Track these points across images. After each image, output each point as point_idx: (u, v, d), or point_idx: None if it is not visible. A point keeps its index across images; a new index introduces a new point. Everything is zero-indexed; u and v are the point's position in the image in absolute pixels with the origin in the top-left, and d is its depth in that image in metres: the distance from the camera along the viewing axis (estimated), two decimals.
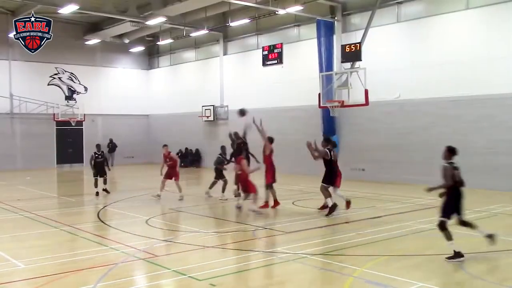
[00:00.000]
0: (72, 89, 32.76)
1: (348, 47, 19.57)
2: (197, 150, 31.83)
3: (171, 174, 16.61)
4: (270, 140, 14.56)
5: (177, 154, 31.87)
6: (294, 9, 22.54)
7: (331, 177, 13.21)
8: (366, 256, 8.86)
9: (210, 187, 16.67)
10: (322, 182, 13.23)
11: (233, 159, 15.57)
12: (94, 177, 17.61)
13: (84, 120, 32.37)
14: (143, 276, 8.26)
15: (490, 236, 8.85)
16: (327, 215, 12.84)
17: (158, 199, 16.13)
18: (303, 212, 13.86)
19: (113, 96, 34.00)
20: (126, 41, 32.93)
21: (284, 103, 25.64)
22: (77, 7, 22.49)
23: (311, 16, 23.35)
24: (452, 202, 8.67)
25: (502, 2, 17.91)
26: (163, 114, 34.67)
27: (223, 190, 16.23)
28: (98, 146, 18.09)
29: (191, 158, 31.50)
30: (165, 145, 17.01)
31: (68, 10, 22.78)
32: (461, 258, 8.39)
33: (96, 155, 17.58)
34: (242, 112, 15.31)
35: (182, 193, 16.37)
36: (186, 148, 32.05)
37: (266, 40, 26.80)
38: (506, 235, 10.50)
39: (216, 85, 30.29)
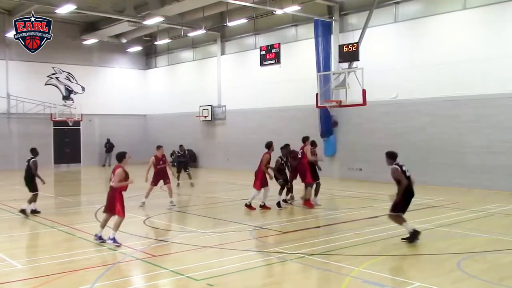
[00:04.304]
0: (70, 89, 32.71)
1: (345, 47, 19.57)
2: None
3: (160, 178, 15.15)
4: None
5: (171, 155, 31.87)
6: (292, 9, 22.55)
7: (407, 200, 9.96)
8: (363, 255, 8.87)
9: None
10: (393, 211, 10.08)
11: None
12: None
13: (81, 120, 32.31)
14: (141, 276, 8.25)
15: None
16: (404, 239, 9.97)
17: (144, 206, 14.89)
18: (301, 212, 13.87)
19: (110, 96, 33.97)
20: (124, 41, 32.90)
21: (282, 103, 25.64)
22: (74, 7, 22.47)
23: (309, 16, 23.35)
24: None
25: (499, 2, 17.94)
26: (160, 114, 34.65)
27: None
28: (32, 150, 14.39)
29: (188, 158, 31.36)
30: (160, 146, 15.59)
31: (65, 10, 22.74)
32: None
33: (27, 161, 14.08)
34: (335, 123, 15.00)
35: (172, 197, 15.11)
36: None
37: (263, 40, 26.80)
38: (503, 235, 10.53)
39: (214, 85, 30.28)
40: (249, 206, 14.02)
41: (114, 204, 9.87)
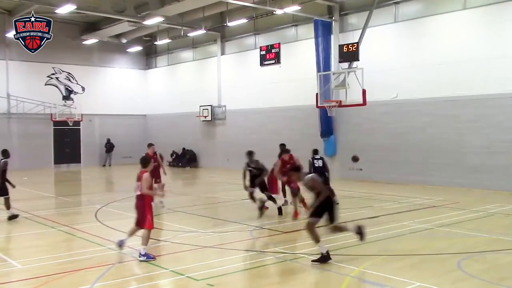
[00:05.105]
0: (70, 89, 32.71)
1: (345, 47, 19.57)
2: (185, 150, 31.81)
3: (153, 177, 14.43)
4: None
5: (171, 155, 31.95)
6: (292, 9, 22.55)
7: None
8: (363, 256, 8.87)
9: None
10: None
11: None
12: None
13: (81, 120, 32.31)
14: (141, 276, 8.25)
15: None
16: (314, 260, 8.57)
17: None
18: (300, 212, 13.85)
19: (110, 96, 33.98)
20: (124, 41, 32.89)
21: (282, 103, 25.64)
22: (75, 7, 22.46)
23: (309, 16, 23.35)
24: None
25: (499, 2, 17.93)
26: (160, 114, 34.65)
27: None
28: (3, 151, 13.74)
29: (188, 158, 31.47)
30: (151, 144, 15.20)
31: (65, 10, 22.74)
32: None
33: None
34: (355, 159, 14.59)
35: (163, 199, 14.35)
36: (183, 148, 32.03)
37: (263, 40, 26.80)
38: (503, 235, 10.54)
39: (214, 85, 30.28)
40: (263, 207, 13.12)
41: (145, 215, 8.98)
